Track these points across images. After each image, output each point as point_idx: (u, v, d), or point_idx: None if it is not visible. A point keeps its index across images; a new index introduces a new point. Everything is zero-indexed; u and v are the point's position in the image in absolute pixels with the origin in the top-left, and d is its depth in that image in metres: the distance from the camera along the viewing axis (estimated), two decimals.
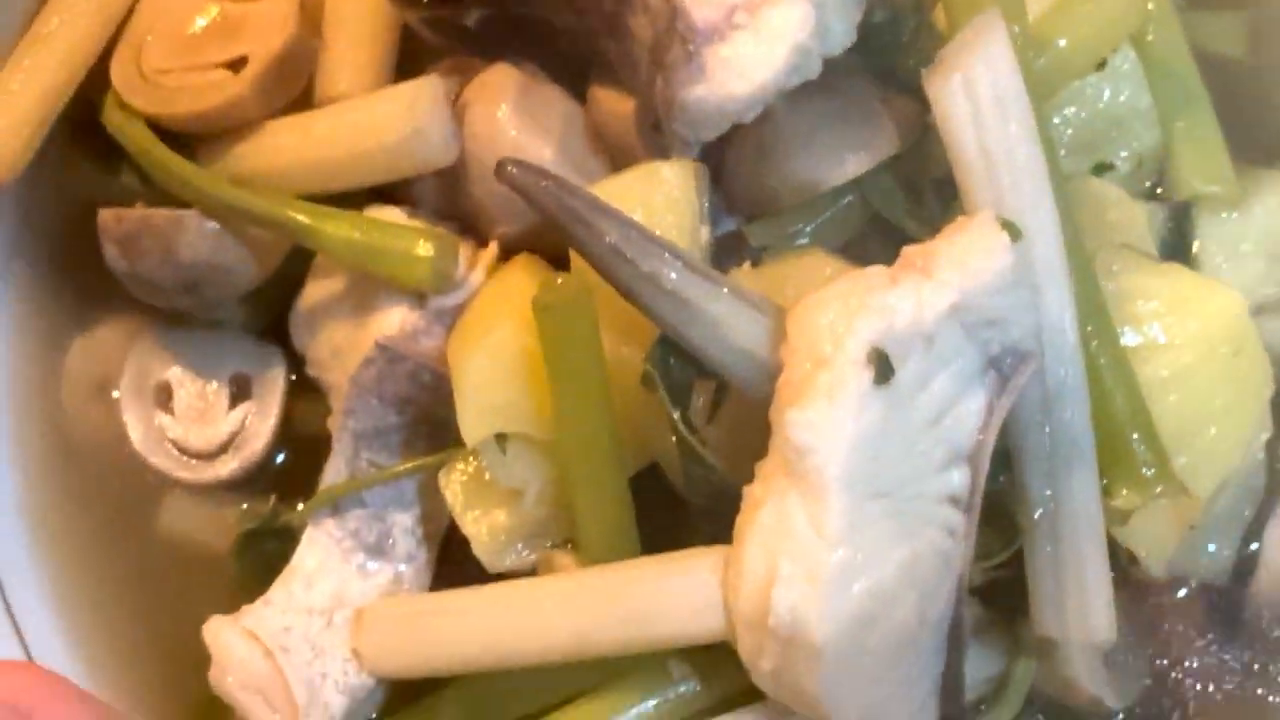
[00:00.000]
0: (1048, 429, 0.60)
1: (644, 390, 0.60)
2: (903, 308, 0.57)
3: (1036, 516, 0.60)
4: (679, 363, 0.60)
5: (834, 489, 0.56)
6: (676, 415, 0.60)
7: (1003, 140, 0.59)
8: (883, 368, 0.55)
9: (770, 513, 0.57)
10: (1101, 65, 0.66)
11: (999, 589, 0.62)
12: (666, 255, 0.58)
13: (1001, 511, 0.61)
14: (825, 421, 0.56)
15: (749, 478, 0.59)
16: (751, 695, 0.60)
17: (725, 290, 0.58)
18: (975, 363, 0.58)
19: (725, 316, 0.58)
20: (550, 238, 0.62)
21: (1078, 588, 0.63)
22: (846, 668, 0.57)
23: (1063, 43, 0.65)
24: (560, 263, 0.62)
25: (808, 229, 0.65)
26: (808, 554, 0.57)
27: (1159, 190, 0.70)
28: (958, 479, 0.58)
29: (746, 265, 0.66)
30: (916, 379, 0.57)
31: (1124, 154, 0.69)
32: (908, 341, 0.57)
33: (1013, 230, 0.57)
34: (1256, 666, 0.66)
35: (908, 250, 0.59)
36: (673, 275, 0.58)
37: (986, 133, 0.59)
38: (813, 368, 0.56)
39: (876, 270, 0.58)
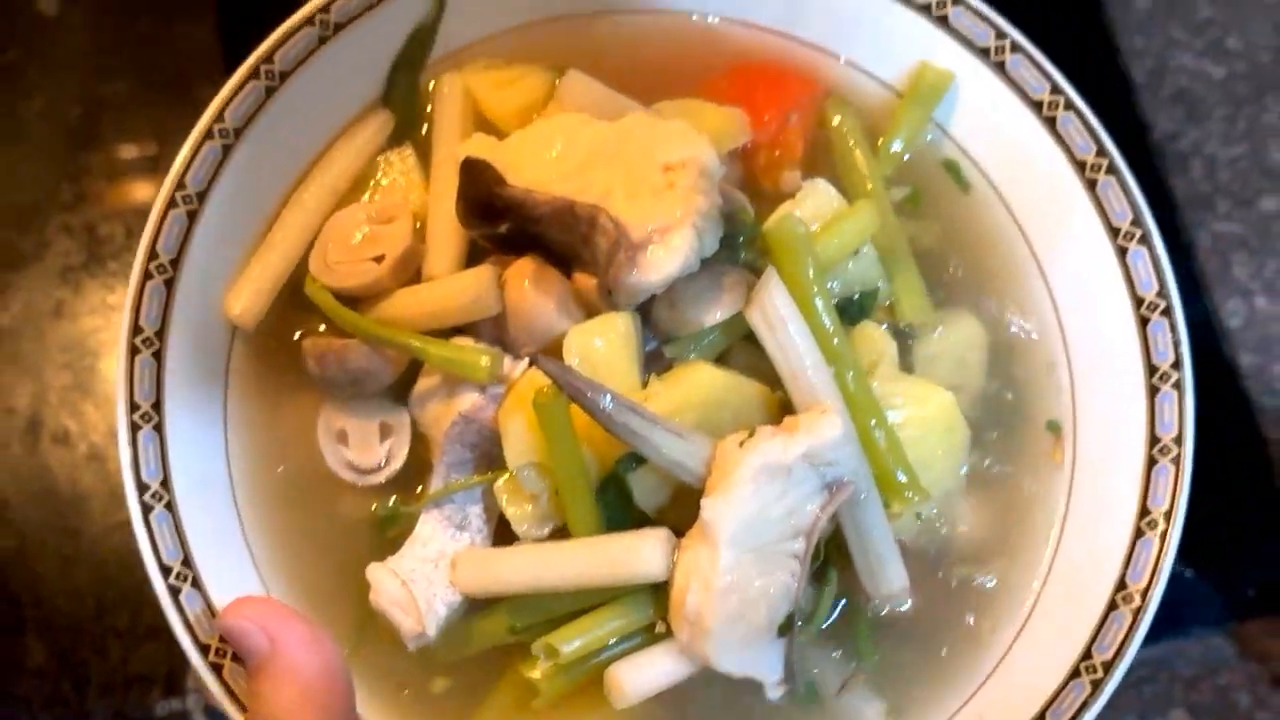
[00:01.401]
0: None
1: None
2: (774, 451, 0.72)
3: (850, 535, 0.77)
4: (640, 464, 0.76)
5: (723, 546, 0.72)
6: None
7: (791, 345, 0.75)
8: (760, 484, 0.72)
9: (690, 554, 0.74)
10: (855, 253, 0.82)
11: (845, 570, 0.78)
12: (630, 410, 0.73)
13: (836, 535, 0.77)
14: (722, 509, 0.72)
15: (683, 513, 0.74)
16: None
17: (659, 427, 0.73)
18: (816, 484, 0.74)
19: (667, 444, 0.74)
20: (555, 354, 0.78)
21: (883, 569, 0.79)
22: (724, 642, 0.74)
23: (835, 243, 0.80)
24: None
25: (694, 349, 0.79)
26: (707, 579, 0.73)
27: (894, 325, 0.84)
28: (799, 545, 0.74)
29: (654, 378, 0.77)
30: (780, 492, 0.73)
31: (874, 304, 0.82)
32: (774, 470, 0.73)
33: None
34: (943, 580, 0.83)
35: (787, 419, 0.74)
36: (636, 421, 0.73)
37: (783, 340, 0.75)
38: (720, 478, 0.73)
39: (766, 430, 0.73)
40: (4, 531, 1.07)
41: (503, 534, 0.82)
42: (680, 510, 0.78)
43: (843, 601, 0.82)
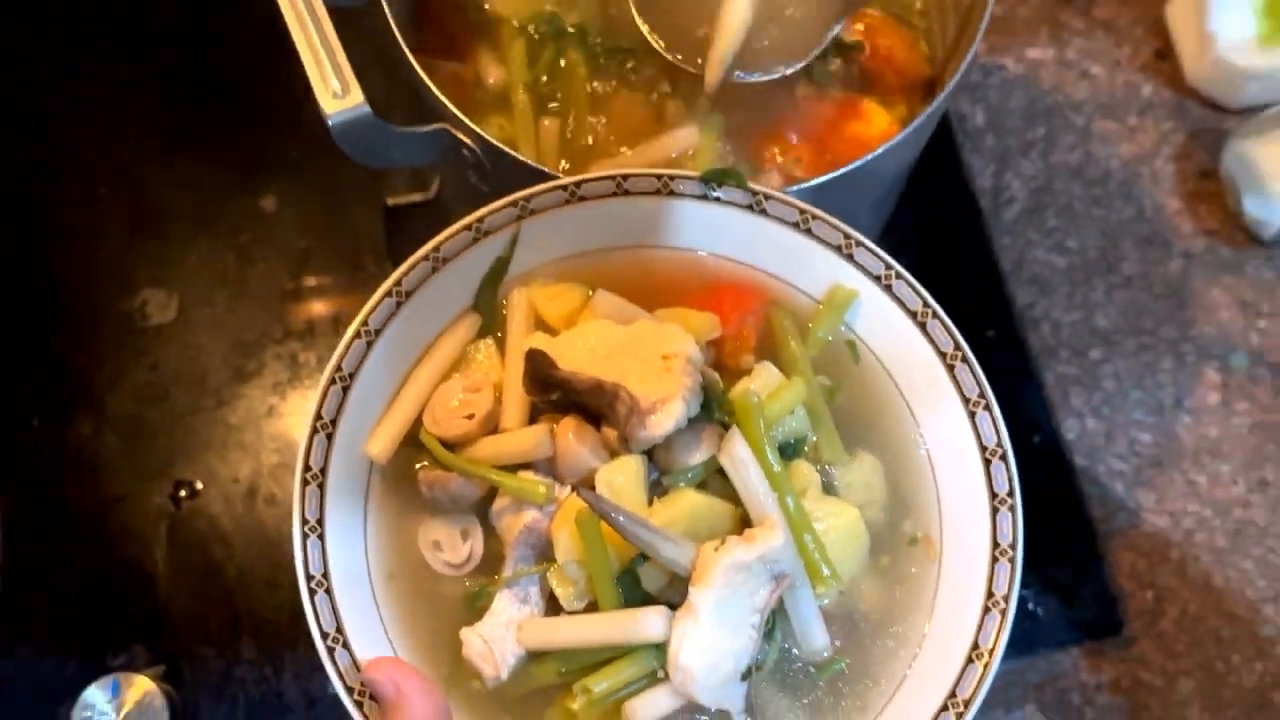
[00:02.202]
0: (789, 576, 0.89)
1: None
2: (739, 554, 0.85)
3: (789, 608, 0.91)
4: (647, 560, 0.90)
5: (704, 619, 0.85)
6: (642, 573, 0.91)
7: (748, 479, 0.90)
8: (729, 577, 0.88)
9: (681, 624, 0.87)
10: (791, 412, 0.96)
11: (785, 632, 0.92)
12: (640, 524, 0.85)
13: (781, 607, 0.91)
14: (703, 594, 0.85)
15: (677, 595, 0.90)
16: None
17: (659, 536, 0.87)
18: (766, 576, 0.86)
19: (665, 548, 0.88)
20: (589, 484, 0.94)
21: (809, 634, 0.95)
22: (704, 685, 0.87)
23: (778, 407, 0.95)
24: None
25: (683, 480, 0.93)
26: (692, 640, 0.85)
27: (817, 461, 0.96)
28: (756, 618, 0.86)
29: (655, 500, 0.92)
30: (742, 581, 0.85)
31: (804, 446, 0.97)
32: (738, 567, 0.85)
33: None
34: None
35: (747, 531, 0.86)
36: (644, 533, 0.86)
37: (743, 476, 0.90)
38: (701, 573, 0.85)
39: (732, 539, 0.85)
40: (230, 565, 1.40)
41: (552, 607, 0.91)
42: (674, 592, 0.89)
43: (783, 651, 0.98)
